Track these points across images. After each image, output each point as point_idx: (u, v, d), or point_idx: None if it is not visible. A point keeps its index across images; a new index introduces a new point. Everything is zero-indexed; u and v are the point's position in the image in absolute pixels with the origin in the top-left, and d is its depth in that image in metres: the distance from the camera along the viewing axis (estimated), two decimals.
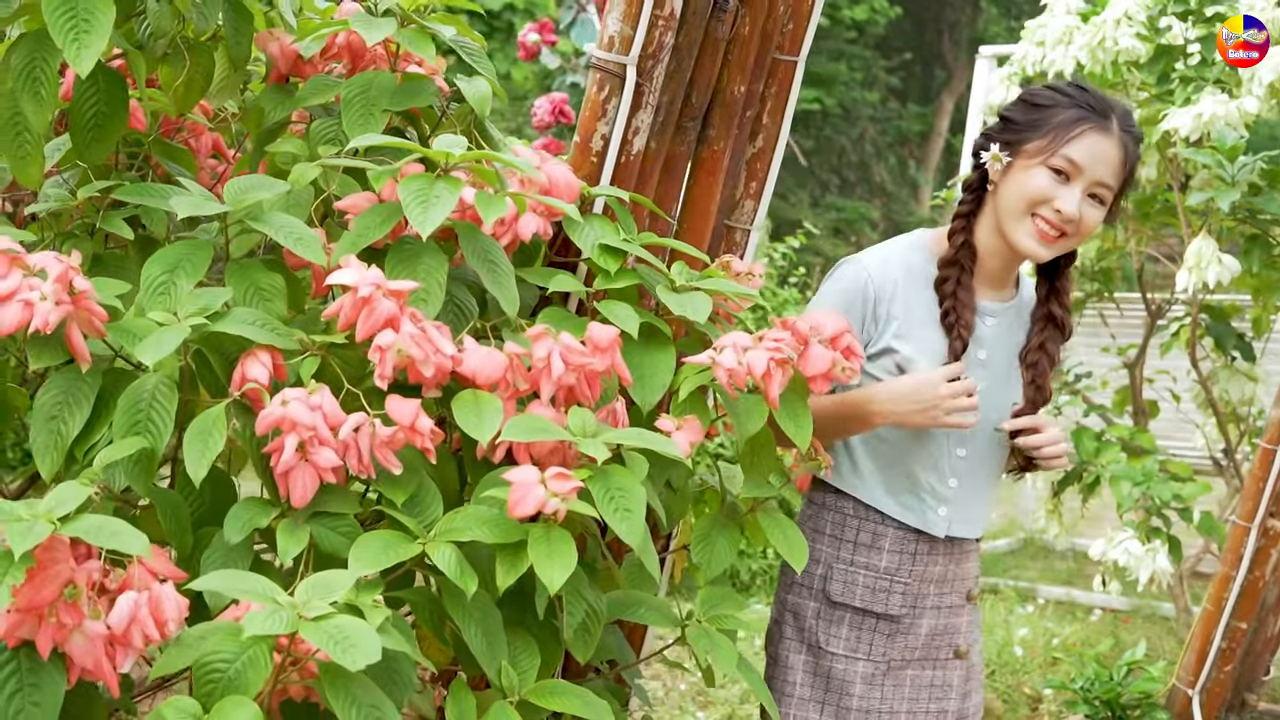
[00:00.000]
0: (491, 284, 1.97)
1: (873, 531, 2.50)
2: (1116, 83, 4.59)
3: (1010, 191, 2.41)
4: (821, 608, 2.52)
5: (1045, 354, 2.50)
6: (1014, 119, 2.43)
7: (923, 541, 2.50)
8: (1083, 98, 2.38)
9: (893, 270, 2.47)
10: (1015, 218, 2.40)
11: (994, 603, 5.90)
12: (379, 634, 1.63)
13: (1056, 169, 2.36)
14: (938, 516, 2.50)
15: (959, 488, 2.51)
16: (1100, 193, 2.39)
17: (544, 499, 1.76)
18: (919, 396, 2.37)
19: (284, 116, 2.24)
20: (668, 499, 2.24)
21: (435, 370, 1.85)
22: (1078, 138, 2.35)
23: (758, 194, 2.56)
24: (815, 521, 2.56)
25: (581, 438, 1.87)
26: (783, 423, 2.15)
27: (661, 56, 2.28)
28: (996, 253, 2.47)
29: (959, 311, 2.42)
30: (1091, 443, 4.50)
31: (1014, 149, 2.41)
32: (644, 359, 2.10)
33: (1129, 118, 2.41)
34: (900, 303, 2.45)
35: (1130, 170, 2.41)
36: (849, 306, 2.44)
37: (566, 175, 2.13)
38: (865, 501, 2.50)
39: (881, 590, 2.50)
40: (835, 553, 2.52)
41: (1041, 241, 2.39)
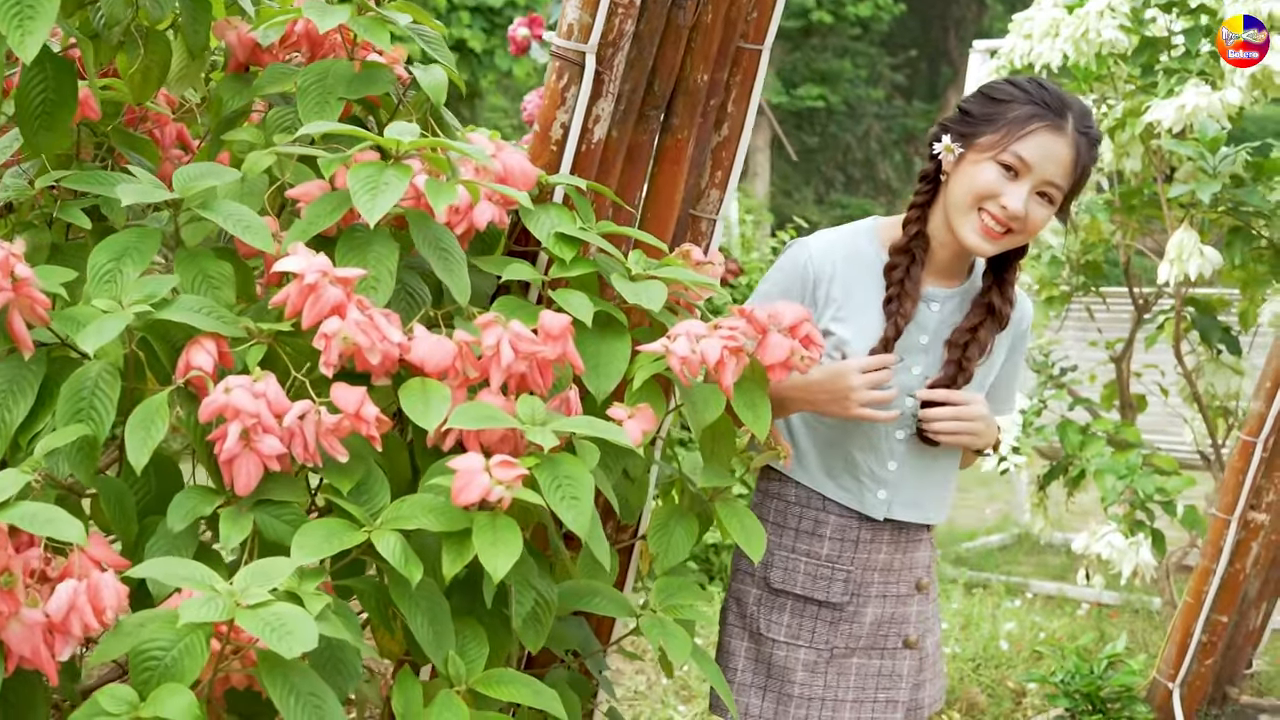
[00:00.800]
0: (443, 272, 1.96)
1: (814, 519, 2.50)
2: (1103, 75, 4.58)
3: (959, 184, 2.40)
4: (763, 595, 2.53)
5: (974, 338, 2.48)
6: (970, 111, 2.42)
7: (865, 528, 2.50)
8: (1040, 95, 2.37)
9: (835, 253, 2.48)
10: (962, 211, 2.39)
11: (982, 597, 5.89)
12: (319, 622, 1.62)
13: (1006, 165, 2.35)
14: (877, 499, 2.49)
15: (899, 470, 2.50)
16: (1049, 191, 2.37)
17: (488, 487, 1.76)
18: (832, 385, 2.38)
19: (242, 105, 2.23)
20: (625, 488, 2.23)
21: (381, 358, 1.84)
22: (1029, 135, 2.34)
23: (723, 183, 2.55)
24: (759, 510, 2.57)
25: (530, 425, 1.86)
26: (740, 411, 2.15)
27: (622, 44, 2.27)
28: (947, 245, 2.47)
29: (901, 300, 2.42)
30: (1076, 436, 4.48)
31: (967, 141, 2.40)
32: (599, 348, 2.09)
33: (1086, 118, 2.40)
34: (840, 285, 2.45)
35: (1083, 171, 2.40)
36: (788, 287, 2.46)
37: (522, 163, 2.12)
38: (807, 486, 2.50)
39: (823, 578, 2.50)
40: (777, 540, 2.53)
41: (985, 237, 2.38)
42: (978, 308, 2.51)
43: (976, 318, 2.49)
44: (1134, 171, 4.50)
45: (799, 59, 24.26)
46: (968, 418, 2.46)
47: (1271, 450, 3.64)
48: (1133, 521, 4.19)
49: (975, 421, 2.47)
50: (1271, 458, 3.64)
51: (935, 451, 2.53)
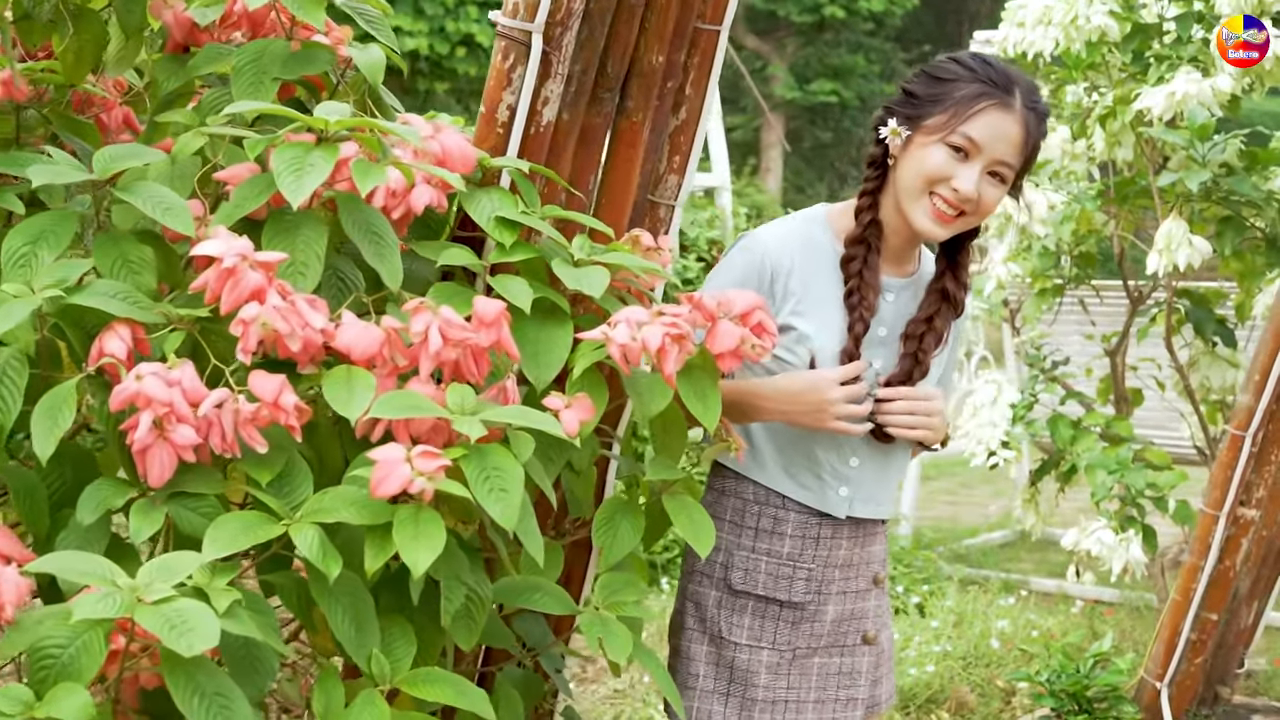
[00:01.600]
0: (373, 257, 1.90)
1: (774, 516, 2.43)
2: (1096, 62, 4.49)
3: (908, 169, 2.33)
4: (723, 596, 2.45)
5: (930, 328, 2.42)
6: (915, 93, 2.35)
7: (826, 525, 2.43)
8: (985, 72, 2.30)
9: (790, 245, 2.40)
10: (913, 196, 2.32)
11: (976, 595, 5.80)
12: (226, 619, 1.56)
13: (955, 146, 2.28)
14: (839, 497, 2.42)
15: (861, 467, 2.43)
16: (1001, 171, 2.30)
17: (409, 478, 1.69)
18: (807, 399, 2.31)
19: (181, 87, 2.17)
20: (570, 481, 2.16)
21: (303, 345, 1.77)
22: (978, 114, 2.27)
23: (681, 168, 2.48)
24: (715, 508, 2.48)
25: (459, 415, 1.79)
26: (689, 402, 2.08)
27: (570, 23, 2.20)
28: (898, 231, 2.40)
29: (863, 292, 2.35)
30: (1067, 431, 4.41)
31: (914, 124, 2.33)
32: (539, 335, 2.02)
33: (1033, 93, 2.33)
34: (798, 278, 2.38)
35: (1034, 148, 2.33)
36: (744, 282, 2.36)
37: (462, 146, 2.05)
38: (765, 485, 2.42)
39: (784, 577, 2.42)
40: (736, 540, 2.44)
41: (938, 221, 2.31)
42: (932, 295, 2.44)
43: (931, 306, 2.42)
44: (1126, 161, 4.42)
45: (811, 54, 24.21)
46: (925, 413, 2.39)
47: (1262, 445, 3.56)
48: (1124, 517, 4.12)
49: (933, 417, 2.41)
50: (1262, 452, 3.57)
51: (893, 446, 2.46)
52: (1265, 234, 4.15)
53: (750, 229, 2.51)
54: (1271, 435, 3.55)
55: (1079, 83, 4.53)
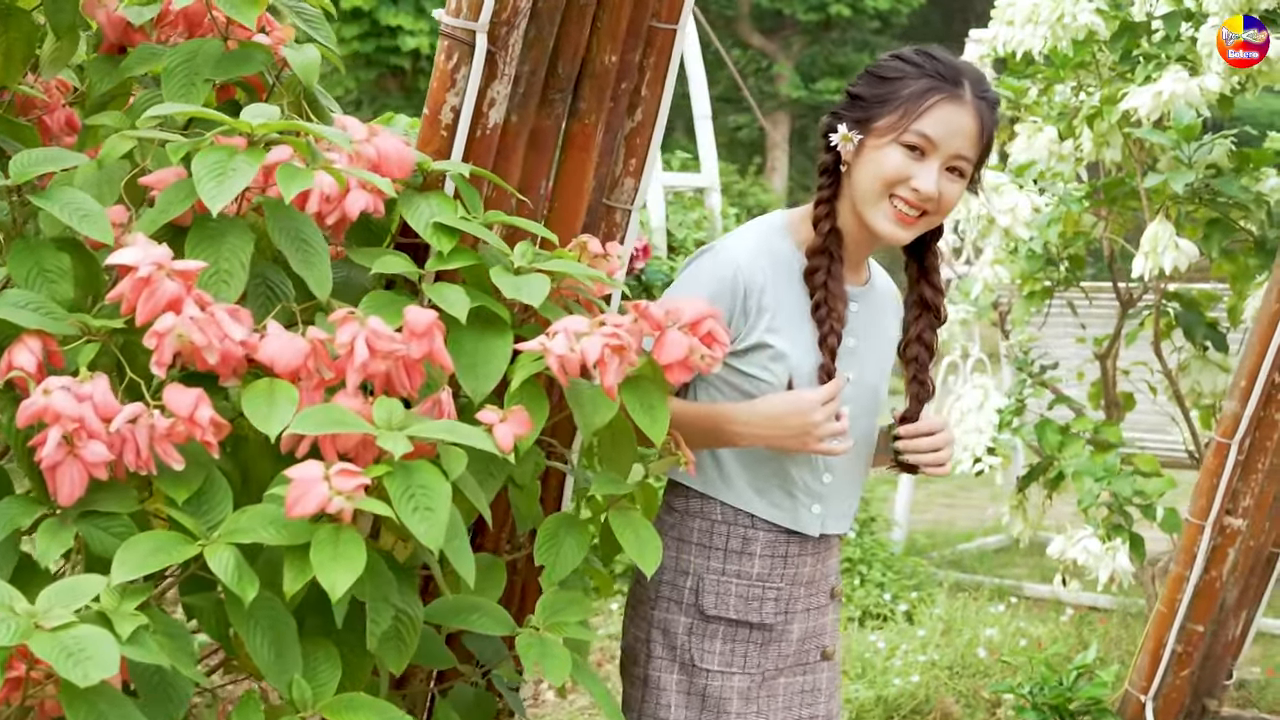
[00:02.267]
0: (301, 265, 1.83)
1: (743, 536, 2.34)
2: (1086, 61, 4.41)
3: (864, 173, 2.25)
4: (694, 623, 2.34)
5: (923, 345, 2.35)
6: (861, 95, 2.27)
7: (794, 542, 2.35)
8: (931, 66, 2.23)
9: (761, 259, 2.31)
10: (871, 201, 2.25)
11: (965, 602, 5.72)
12: (130, 646, 1.50)
13: (910, 145, 2.21)
14: (812, 515, 2.34)
15: (834, 483, 2.36)
16: (959, 165, 2.23)
17: (327, 497, 1.62)
18: (789, 423, 2.22)
19: (115, 89, 2.11)
20: (514, 496, 2.09)
21: (222, 357, 1.70)
22: (929, 110, 2.20)
23: (638, 171, 2.41)
24: (680, 530, 2.38)
25: (385, 430, 1.72)
26: (635, 414, 2.01)
27: (517, 22, 2.13)
28: (856, 237, 2.32)
29: (831, 304, 2.26)
30: (1055, 436, 4.33)
31: (864, 127, 2.25)
32: (478, 346, 1.95)
33: (982, 82, 2.26)
34: (771, 294, 2.29)
35: (988, 138, 2.26)
36: (715, 301, 2.25)
37: (399, 150, 1.97)
38: (733, 504, 2.34)
39: (755, 599, 2.34)
40: (705, 562, 2.35)
41: (901, 224, 2.24)
42: (913, 308, 2.38)
43: (917, 321, 2.37)
44: (1114, 162, 4.34)
45: (817, 52, 24.12)
46: (946, 444, 2.34)
47: (1249, 453, 3.48)
48: (1111, 525, 4.04)
49: (951, 445, 2.36)
50: (1249, 460, 3.48)
51: (864, 460, 2.41)
52: (1254, 237, 4.07)
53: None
54: (1258, 443, 3.47)
55: (1066, 82, 4.45)
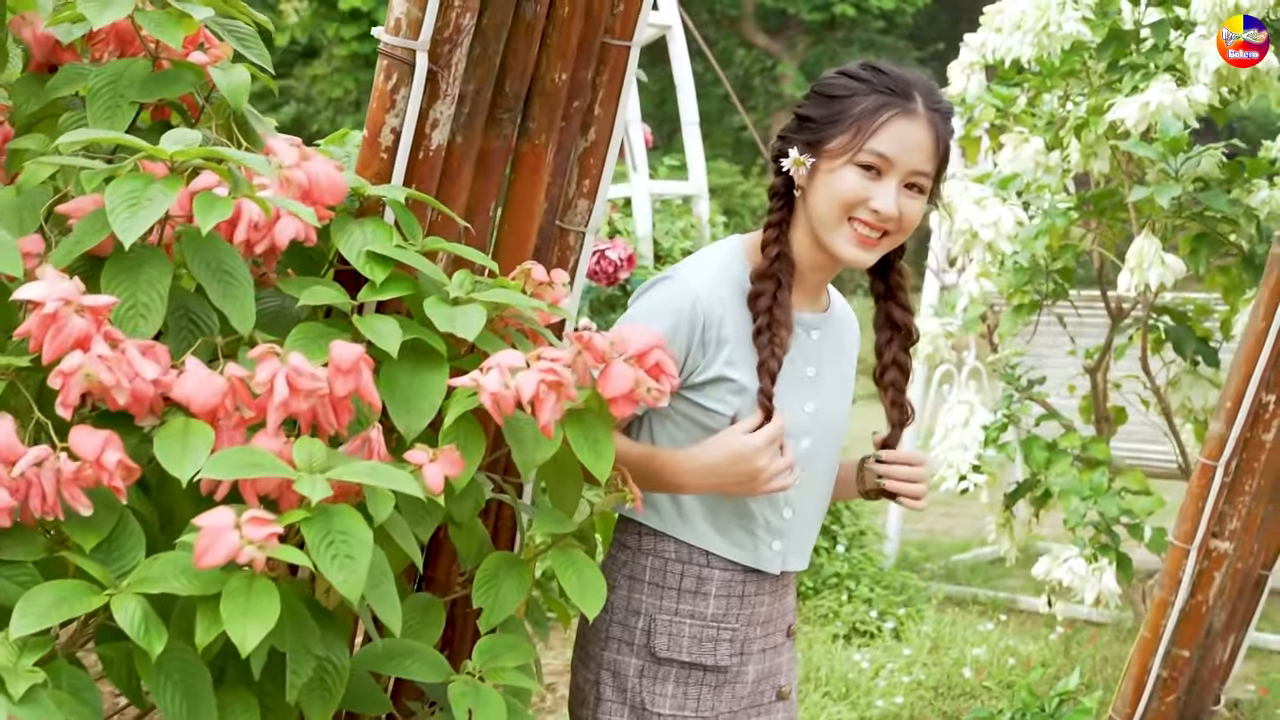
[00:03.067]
0: (221, 297, 1.75)
1: (697, 575, 2.25)
2: (1076, 69, 4.32)
3: (820, 197, 2.16)
4: (645, 665, 2.25)
5: (898, 368, 2.27)
6: (810, 116, 2.18)
7: (751, 581, 2.26)
8: (880, 81, 2.14)
9: (720, 290, 2.22)
10: (831, 225, 2.16)
11: (954, 617, 5.63)
12: (24, 706, 1.42)
13: (866, 165, 2.12)
14: (772, 552, 2.26)
15: (795, 518, 2.27)
16: (917, 181, 2.15)
17: (237, 546, 1.54)
18: (735, 469, 2.14)
19: (40, 109, 2.03)
20: (454, 535, 2.01)
21: (132, 397, 1.63)
22: (883, 127, 2.11)
23: (592, 193, 2.33)
24: (632, 568, 2.29)
25: (305, 473, 1.64)
26: (579, 450, 1.93)
27: (460, 40, 2.05)
28: (814, 262, 2.24)
29: (774, 330, 2.17)
30: (1042, 453, 4.24)
31: (816, 149, 2.17)
32: (412, 380, 1.86)
33: (933, 93, 2.18)
34: (730, 325, 2.20)
35: (944, 150, 2.17)
36: (674, 333, 2.18)
37: (330, 175, 1.89)
38: (690, 542, 2.25)
39: (709, 640, 2.25)
40: (658, 602, 2.26)
41: (863, 246, 2.15)
42: (883, 330, 2.30)
43: (889, 343, 2.30)
44: (1103, 173, 4.25)
45: (822, 52, 24.05)
46: (922, 478, 2.28)
47: (1235, 474, 3.38)
48: (1098, 545, 3.95)
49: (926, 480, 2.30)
50: (1235, 482, 3.39)
51: (825, 494, 2.33)
52: (1243, 252, 3.98)
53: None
54: (1245, 464, 3.37)
55: (1054, 91, 4.36)
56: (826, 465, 2.30)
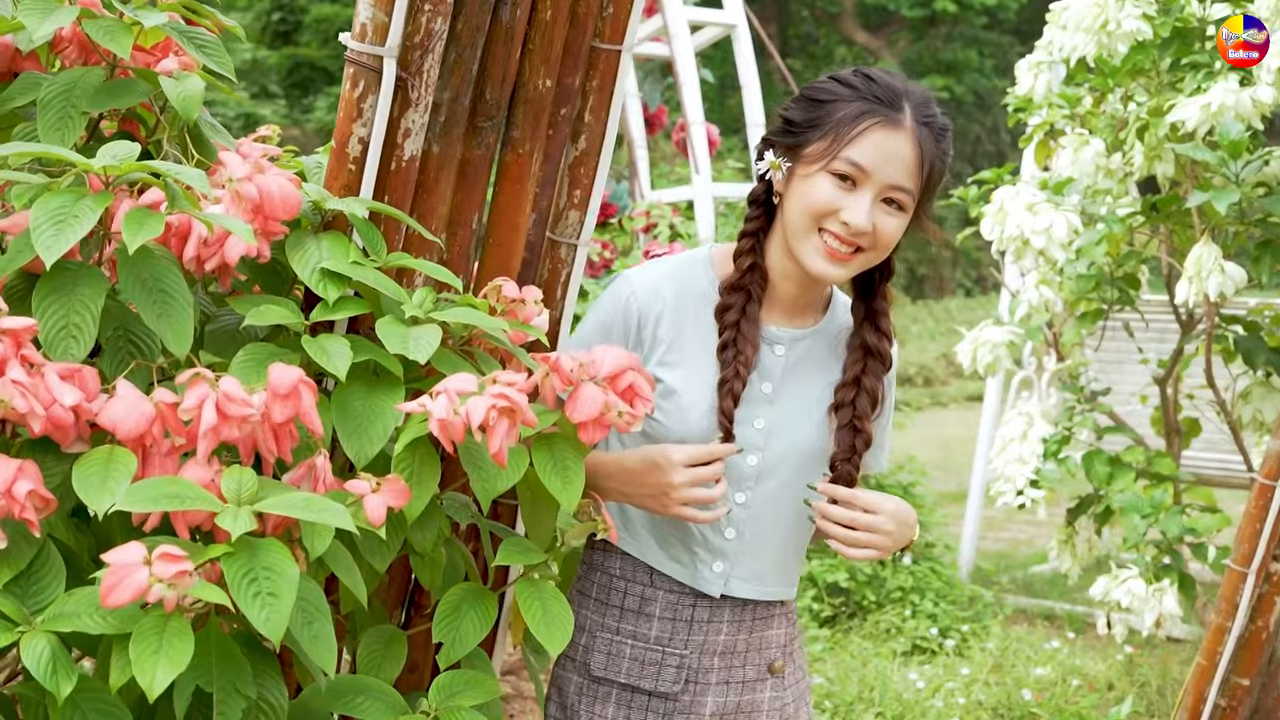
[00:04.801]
0: (156, 318, 1.67)
1: (640, 595, 2.14)
2: (1144, 68, 4.14)
3: (792, 204, 2.04)
4: (584, 683, 2.16)
5: (862, 390, 2.12)
6: (793, 119, 2.06)
7: (701, 606, 2.14)
8: (867, 88, 2.01)
9: (664, 288, 2.12)
10: (800, 234, 2.04)
11: (1022, 634, 5.44)
12: None
13: (840, 174, 1.99)
14: (712, 573, 2.13)
15: (738, 540, 2.13)
16: (897, 197, 2.01)
17: (145, 585, 1.46)
18: (647, 480, 2.03)
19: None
20: (416, 565, 1.92)
21: (51, 424, 1.55)
22: (860, 136, 1.98)
23: (583, 203, 2.23)
24: (582, 584, 2.21)
25: (233, 505, 1.56)
26: (544, 477, 1.84)
27: (431, 45, 1.96)
28: (790, 276, 2.11)
29: (739, 345, 2.05)
30: (1104, 468, 4.07)
31: (794, 154, 2.04)
32: (366, 404, 1.77)
33: (926, 106, 2.03)
34: (668, 325, 2.10)
35: (932, 167, 2.02)
36: (609, 328, 2.11)
37: (284, 188, 1.80)
38: (635, 557, 2.14)
39: (651, 663, 2.13)
40: (600, 619, 2.16)
41: (832, 260, 2.02)
42: (854, 352, 2.16)
43: (856, 365, 2.14)
44: (1165, 176, 4.07)
45: (923, 48, 23.77)
46: (868, 527, 2.05)
47: None
48: (1160, 565, 3.78)
49: (877, 534, 2.06)
50: None
51: (784, 518, 2.16)
52: None
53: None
54: None
55: (1113, 91, 4.18)
56: (784, 487, 2.14)
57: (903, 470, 6.30)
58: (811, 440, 2.13)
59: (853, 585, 5.46)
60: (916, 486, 6.20)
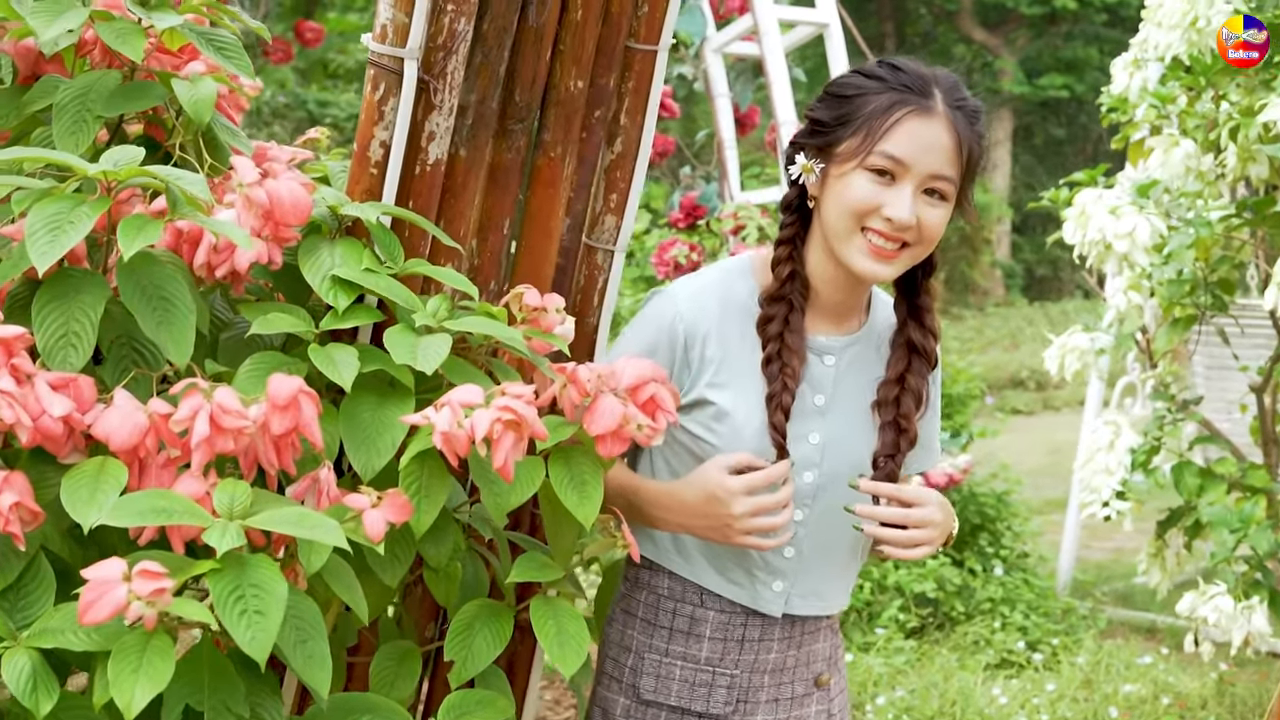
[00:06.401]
0: (155, 326, 1.63)
1: (690, 615, 2.07)
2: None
3: (831, 206, 1.96)
4: (632, 705, 2.08)
5: (906, 388, 2.04)
6: (820, 119, 1.98)
7: (753, 625, 2.07)
8: (895, 78, 1.93)
9: (707, 303, 2.03)
10: (843, 236, 1.96)
11: (1115, 648, 5.28)
12: None
13: (878, 170, 1.92)
14: (772, 593, 2.06)
15: (798, 558, 2.06)
16: (939, 186, 1.93)
17: (124, 602, 1.42)
18: (707, 513, 1.95)
19: (21, 124, 1.94)
20: (430, 581, 1.87)
21: (41, 435, 1.52)
22: (894, 127, 1.91)
23: (620, 208, 2.17)
24: (627, 602, 2.13)
25: (224, 519, 1.52)
26: (561, 492, 1.78)
27: (456, 47, 1.91)
28: (833, 281, 2.03)
29: (785, 358, 1.98)
30: (1194, 480, 3.93)
31: (826, 155, 1.97)
32: (375, 415, 1.73)
33: (956, 89, 1.95)
34: (717, 343, 2.02)
35: (970, 152, 1.95)
36: (654, 349, 2.02)
37: (295, 194, 1.76)
38: (685, 577, 2.07)
39: (702, 685, 2.06)
40: (648, 640, 2.09)
41: (879, 259, 1.94)
42: (898, 350, 2.08)
43: (900, 363, 2.06)
44: (1261, 179, 3.91)
45: (1042, 46, 23.40)
46: (918, 522, 1.98)
47: None
48: (1250, 582, 3.64)
49: (933, 525, 1.99)
50: None
51: (843, 533, 2.07)
52: None
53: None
54: None
55: (1205, 90, 4.04)
56: (843, 501, 2.05)
57: (996, 478, 6.15)
58: (868, 450, 2.05)
59: (941, 595, 5.33)
60: (1011, 495, 6.05)
